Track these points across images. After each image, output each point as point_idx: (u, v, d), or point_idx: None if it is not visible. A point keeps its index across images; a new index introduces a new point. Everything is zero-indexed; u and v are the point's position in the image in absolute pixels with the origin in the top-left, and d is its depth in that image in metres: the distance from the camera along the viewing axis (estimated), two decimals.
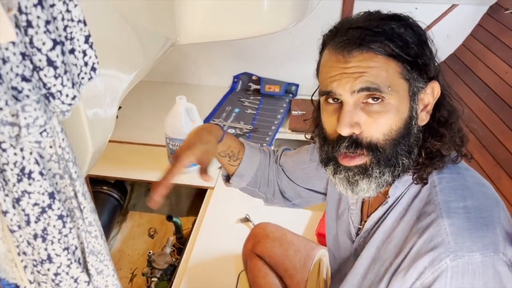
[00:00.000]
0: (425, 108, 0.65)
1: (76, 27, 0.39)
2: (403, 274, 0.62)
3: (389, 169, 0.63)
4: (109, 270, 0.47)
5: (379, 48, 0.59)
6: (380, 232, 0.71)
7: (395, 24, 0.61)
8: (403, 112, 0.62)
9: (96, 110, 0.66)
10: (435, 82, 0.64)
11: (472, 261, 0.57)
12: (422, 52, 0.62)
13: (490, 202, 0.63)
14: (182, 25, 0.94)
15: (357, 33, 0.60)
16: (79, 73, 0.40)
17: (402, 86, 0.61)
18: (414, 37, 0.62)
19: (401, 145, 0.62)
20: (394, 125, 0.61)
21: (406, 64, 0.61)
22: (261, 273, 1.17)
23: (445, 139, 0.65)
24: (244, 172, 0.92)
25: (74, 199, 0.42)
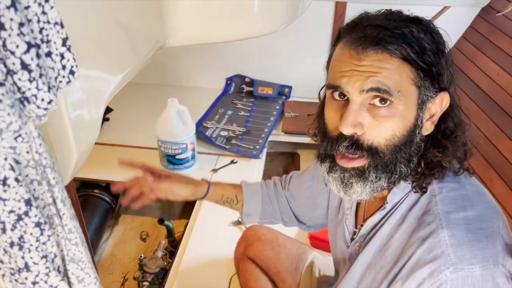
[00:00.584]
0: (431, 117, 0.63)
1: (52, 30, 0.38)
2: (401, 283, 0.61)
3: (385, 175, 0.62)
4: (91, 278, 0.46)
5: (395, 50, 0.57)
6: (377, 238, 0.70)
7: (415, 28, 0.59)
8: (409, 119, 0.60)
9: (80, 112, 0.65)
10: (446, 93, 0.62)
11: (471, 274, 0.56)
12: (438, 61, 0.60)
13: (490, 212, 0.62)
14: (171, 27, 0.93)
15: (375, 32, 0.58)
16: (57, 76, 0.39)
17: (412, 92, 0.60)
18: (433, 44, 0.60)
19: (402, 153, 0.61)
20: (397, 131, 0.60)
21: (420, 71, 0.59)
22: (253, 277, 1.16)
23: (447, 152, 0.63)
24: (250, 212, 0.99)
25: (53, 205, 0.41)
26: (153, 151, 1.69)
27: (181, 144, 1.55)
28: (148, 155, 1.74)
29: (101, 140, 1.83)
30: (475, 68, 1.81)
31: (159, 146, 1.58)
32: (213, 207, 1.53)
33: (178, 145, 1.55)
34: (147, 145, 1.79)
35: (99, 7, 0.71)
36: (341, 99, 0.62)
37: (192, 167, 1.65)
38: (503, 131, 1.50)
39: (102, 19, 0.73)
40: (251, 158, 1.77)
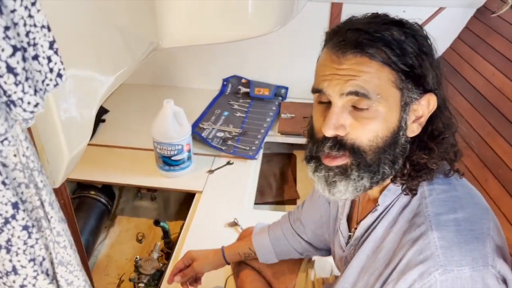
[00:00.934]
0: (417, 119, 0.63)
1: (39, 33, 0.38)
2: (392, 286, 0.61)
3: (368, 175, 0.62)
4: (80, 281, 0.46)
5: (374, 53, 0.58)
6: (370, 241, 0.70)
7: (397, 31, 0.59)
8: (391, 121, 0.61)
9: (71, 114, 0.65)
10: (432, 95, 0.62)
11: (461, 275, 0.56)
12: (421, 63, 0.60)
13: (481, 213, 0.63)
14: (165, 29, 0.93)
15: (355, 36, 0.59)
16: (44, 79, 0.39)
17: (393, 95, 0.60)
18: (415, 46, 0.60)
19: (385, 154, 0.61)
20: (380, 133, 0.60)
21: (401, 74, 0.59)
22: (249, 278, 1.16)
23: (434, 154, 0.63)
24: (265, 258, 1.08)
25: (41, 208, 0.41)
26: (149, 152, 1.69)
27: (177, 145, 1.55)
28: (144, 157, 1.74)
29: (97, 142, 1.83)
30: (471, 68, 1.81)
31: (155, 147, 1.58)
32: (209, 208, 1.54)
33: (174, 146, 1.55)
34: (143, 146, 1.79)
35: (92, 8, 0.71)
36: (325, 102, 0.63)
37: (188, 168, 1.65)
38: (498, 131, 1.51)
39: (95, 20, 0.73)
40: (247, 159, 1.77)
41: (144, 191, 1.78)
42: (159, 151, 1.57)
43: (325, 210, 0.96)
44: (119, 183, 1.67)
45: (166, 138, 1.53)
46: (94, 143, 1.83)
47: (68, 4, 0.64)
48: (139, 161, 1.73)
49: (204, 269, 1.10)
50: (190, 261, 1.10)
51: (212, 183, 1.64)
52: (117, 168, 1.69)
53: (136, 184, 1.66)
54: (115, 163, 1.72)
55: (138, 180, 1.65)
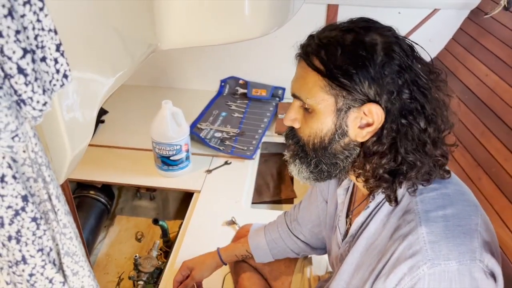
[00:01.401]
0: (366, 126, 0.64)
1: (47, 36, 0.40)
2: (383, 280, 0.63)
3: (306, 166, 0.72)
4: (85, 271, 0.49)
5: (312, 60, 0.64)
6: (363, 238, 0.72)
7: (341, 39, 0.62)
8: (326, 123, 0.66)
9: (74, 114, 0.67)
10: (374, 105, 0.62)
11: (448, 269, 0.58)
12: (358, 72, 0.61)
13: (469, 209, 0.64)
14: (163, 31, 0.95)
15: (308, 42, 0.66)
16: (51, 80, 0.41)
17: (326, 100, 0.64)
18: (353, 58, 0.61)
19: (324, 153, 0.68)
20: (317, 132, 0.67)
21: (331, 81, 0.62)
22: (246, 275, 1.18)
23: (381, 160, 0.64)
24: (262, 259, 1.11)
25: (48, 201, 0.43)
26: (148, 152, 1.71)
27: (175, 146, 1.57)
28: (143, 157, 1.76)
29: (96, 142, 1.85)
30: (465, 69, 1.84)
31: (154, 147, 1.60)
32: (207, 207, 1.56)
33: (172, 147, 1.57)
34: (142, 146, 1.81)
35: (91, 11, 0.74)
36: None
37: (186, 168, 1.67)
38: (491, 131, 1.53)
39: (94, 23, 0.75)
40: (245, 159, 1.80)
41: (143, 191, 1.81)
42: (157, 151, 1.59)
43: (322, 209, 0.98)
44: (118, 183, 1.69)
45: (165, 138, 1.56)
46: (94, 143, 1.85)
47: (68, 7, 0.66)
48: (138, 161, 1.75)
49: (204, 275, 1.11)
50: (188, 271, 1.11)
51: (210, 183, 1.66)
52: (116, 168, 1.71)
53: (135, 184, 1.68)
54: (114, 163, 1.74)
55: (137, 180, 1.67)
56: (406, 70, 0.61)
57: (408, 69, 0.62)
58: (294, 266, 1.15)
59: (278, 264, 1.15)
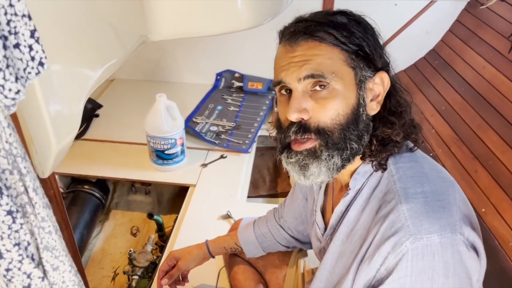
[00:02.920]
0: (375, 98, 0.68)
1: (20, 22, 0.38)
2: (368, 262, 0.63)
3: (337, 152, 0.65)
4: (66, 266, 0.47)
5: (323, 36, 0.63)
6: (343, 226, 0.72)
7: (340, 17, 0.65)
8: (350, 98, 0.64)
9: (59, 106, 0.66)
10: (384, 73, 0.67)
11: (430, 242, 0.58)
12: (368, 43, 0.65)
13: (446, 185, 0.65)
14: (154, 21, 0.94)
15: (303, 24, 0.65)
16: (25, 67, 0.40)
17: (348, 73, 0.64)
18: (360, 28, 0.65)
19: (350, 130, 0.65)
20: (341, 110, 0.64)
21: (351, 53, 0.64)
22: (241, 269, 1.18)
23: (395, 126, 0.67)
24: (252, 253, 1.11)
25: (25, 194, 0.42)
26: (143, 146, 1.70)
27: (170, 139, 1.56)
28: (137, 151, 1.75)
29: (90, 136, 1.84)
30: (462, 61, 1.83)
31: (148, 141, 1.58)
32: (202, 201, 1.55)
33: (167, 140, 1.56)
34: (136, 140, 1.80)
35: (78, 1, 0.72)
36: (286, 93, 0.67)
37: (182, 162, 1.66)
38: (488, 123, 1.52)
39: (82, 13, 0.73)
40: (241, 152, 1.78)
41: (138, 185, 1.80)
42: (152, 145, 1.58)
43: (303, 206, 0.98)
44: (113, 178, 1.68)
45: (159, 132, 1.54)
46: (88, 137, 1.83)
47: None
48: (133, 155, 1.74)
49: (189, 265, 1.10)
50: (174, 261, 1.10)
51: (206, 177, 1.65)
52: (111, 163, 1.70)
53: (130, 178, 1.67)
54: (109, 157, 1.73)
55: (132, 174, 1.66)
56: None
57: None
58: (288, 259, 1.15)
59: (272, 258, 1.15)
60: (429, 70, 1.98)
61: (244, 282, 1.15)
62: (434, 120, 1.75)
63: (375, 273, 0.62)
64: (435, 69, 1.95)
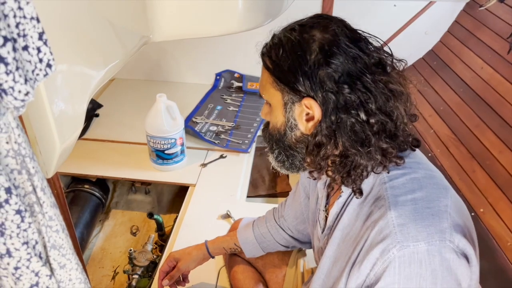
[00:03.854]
0: (311, 119, 0.67)
1: (29, 24, 0.39)
2: (358, 267, 0.64)
3: (273, 158, 0.77)
4: (72, 264, 0.48)
5: (263, 60, 0.71)
6: (338, 230, 0.73)
7: (284, 37, 0.67)
8: (278, 116, 0.71)
9: (63, 106, 0.67)
10: (309, 99, 0.65)
11: (417, 250, 0.58)
12: (295, 70, 0.65)
13: (438, 192, 0.65)
14: (155, 22, 0.95)
15: (267, 43, 0.71)
16: (34, 69, 0.40)
17: (275, 95, 0.70)
18: (291, 55, 0.65)
19: (281, 143, 0.74)
20: (274, 124, 0.73)
21: (276, 78, 0.68)
22: (240, 269, 1.18)
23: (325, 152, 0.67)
24: (252, 253, 1.12)
25: (33, 194, 0.43)
26: (143, 146, 1.70)
27: (170, 139, 1.56)
28: (137, 150, 1.75)
29: (91, 136, 1.84)
30: (460, 62, 1.84)
31: (148, 141, 1.59)
32: (202, 201, 1.56)
33: (167, 140, 1.56)
34: (136, 140, 1.80)
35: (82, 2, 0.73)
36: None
37: (181, 162, 1.67)
38: (486, 123, 1.54)
39: (85, 14, 0.74)
40: (240, 152, 1.79)
41: (138, 185, 1.80)
42: (152, 144, 1.58)
43: (305, 205, 0.99)
44: (113, 177, 1.68)
45: (159, 132, 1.55)
46: (88, 137, 1.84)
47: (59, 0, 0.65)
48: (133, 155, 1.75)
49: (189, 266, 1.11)
50: (174, 262, 1.10)
51: (205, 177, 1.66)
52: (111, 162, 1.70)
53: (130, 177, 1.68)
54: (109, 157, 1.73)
55: (132, 174, 1.66)
56: (346, 65, 0.63)
57: (351, 63, 0.63)
58: (287, 259, 1.15)
59: (272, 257, 1.15)
60: (427, 70, 1.99)
61: (243, 282, 1.15)
62: (433, 120, 1.76)
63: (365, 278, 0.63)
64: (433, 70, 1.96)
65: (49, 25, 0.65)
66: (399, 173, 0.66)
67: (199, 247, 1.12)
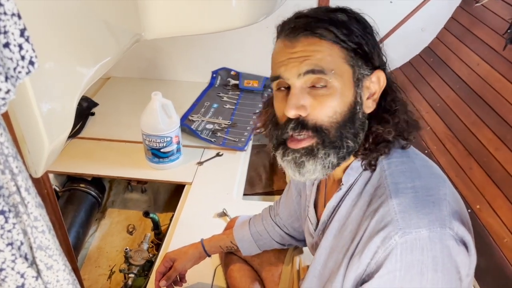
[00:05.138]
0: (371, 96, 0.68)
1: (10, 21, 0.38)
2: (358, 257, 0.63)
3: (334, 151, 0.65)
4: (59, 265, 0.47)
5: (324, 33, 0.63)
6: (335, 221, 0.72)
7: (340, 14, 0.65)
8: (348, 96, 0.64)
9: (51, 104, 0.66)
10: (380, 71, 0.67)
11: (419, 236, 0.58)
12: (366, 41, 0.65)
13: (437, 181, 0.65)
14: (148, 19, 0.93)
15: (304, 20, 0.64)
16: (15, 67, 0.39)
17: (346, 71, 0.64)
18: (359, 26, 0.65)
19: (346, 128, 0.65)
20: (338, 108, 0.64)
21: (350, 51, 0.64)
22: (236, 267, 1.18)
23: (388, 125, 0.67)
24: (248, 251, 1.11)
25: (17, 194, 0.42)
26: (139, 144, 1.70)
27: (166, 138, 1.56)
28: (133, 149, 1.75)
29: (86, 135, 1.83)
30: (457, 58, 1.83)
31: (144, 139, 1.58)
32: (198, 199, 1.55)
33: (163, 139, 1.55)
34: (132, 139, 1.79)
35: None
36: (284, 89, 0.67)
37: (177, 160, 1.66)
38: (483, 120, 1.53)
39: (75, 9, 0.73)
40: (237, 150, 1.78)
41: (134, 184, 1.79)
42: (148, 143, 1.58)
43: (298, 202, 0.98)
44: (109, 176, 1.68)
45: (155, 130, 1.54)
46: (84, 136, 1.83)
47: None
48: (129, 153, 1.74)
49: (186, 266, 1.10)
50: (171, 262, 1.09)
51: (202, 175, 1.65)
52: (107, 161, 1.69)
53: (126, 176, 1.67)
54: (104, 156, 1.72)
55: (128, 172, 1.66)
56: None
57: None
58: (284, 257, 1.15)
59: (268, 255, 1.15)
60: (424, 67, 1.98)
61: (240, 280, 1.15)
62: (429, 117, 1.75)
63: (365, 267, 0.62)
64: (430, 67, 1.95)
65: (38, 22, 0.64)
66: (398, 161, 0.67)
67: (195, 246, 1.12)
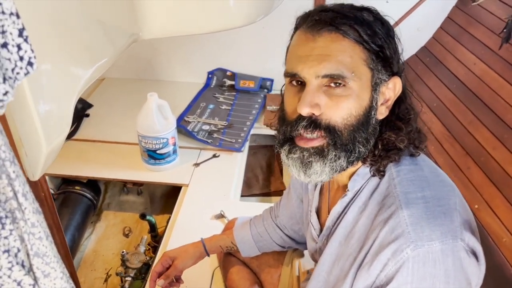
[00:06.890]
0: (385, 102, 0.66)
1: (8, 20, 0.37)
2: (367, 268, 0.62)
3: (344, 154, 0.63)
4: (57, 273, 0.46)
5: (348, 31, 0.60)
6: (341, 228, 0.71)
7: (366, 13, 0.63)
8: (364, 99, 0.62)
9: (49, 106, 0.64)
10: (397, 78, 0.66)
11: (432, 249, 0.57)
12: (389, 45, 0.63)
13: (447, 190, 0.64)
14: (144, 20, 0.92)
15: (328, 15, 0.61)
16: (14, 68, 0.38)
17: (365, 74, 0.62)
18: (383, 29, 0.63)
19: (359, 132, 0.62)
20: (353, 111, 0.61)
21: (372, 53, 0.62)
22: (235, 269, 1.17)
23: (401, 133, 0.66)
24: (248, 253, 1.10)
25: (14, 199, 0.41)
26: (134, 146, 1.68)
27: (162, 139, 1.54)
28: (129, 151, 1.73)
29: (81, 136, 1.81)
30: (453, 58, 1.83)
31: (140, 141, 1.57)
32: (195, 201, 1.54)
33: (159, 140, 1.54)
34: (128, 140, 1.78)
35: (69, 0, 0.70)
36: (298, 85, 0.64)
37: (174, 162, 1.64)
38: (480, 120, 1.53)
39: (72, 11, 0.71)
40: (233, 151, 1.77)
41: (130, 186, 1.78)
42: (144, 144, 1.56)
43: (298, 207, 0.97)
44: (104, 178, 1.66)
45: (151, 131, 1.52)
46: (79, 138, 1.81)
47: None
48: (125, 155, 1.72)
49: (186, 264, 1.08)
50: (170, 261, 1.07)
51: (198, 176, 1.64)
52: (102, 163, 1.67)
53: (121, 178, 1.65)
54: (100, 157, 1.70)
55: (123, 174, 1.64)
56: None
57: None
58: (283, 259, 1.14)
59: (267, 258, 1.14)
60: (420, 67, 1.98)
61: (239, 282, 1.14)
62: (426, 117, 1.75)
63: (374, 279, 0.61)
64: (426, 66, 1.95)
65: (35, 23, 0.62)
66: (406, 168, 0.65)
67: (195, 244, 1.10)
